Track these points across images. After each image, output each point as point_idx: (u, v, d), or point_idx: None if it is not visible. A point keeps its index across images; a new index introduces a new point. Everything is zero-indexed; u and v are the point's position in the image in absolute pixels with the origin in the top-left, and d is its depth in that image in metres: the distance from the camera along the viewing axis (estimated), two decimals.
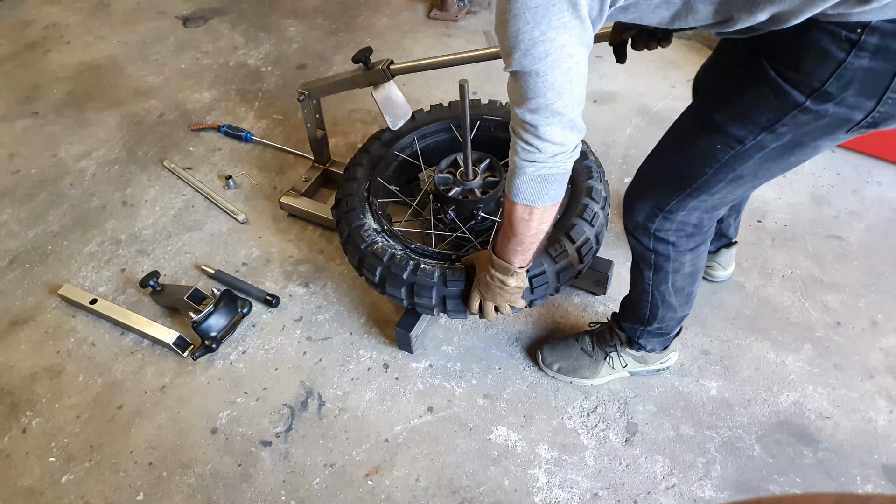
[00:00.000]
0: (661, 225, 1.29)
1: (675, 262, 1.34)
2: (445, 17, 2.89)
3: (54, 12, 3.15)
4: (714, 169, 1.14)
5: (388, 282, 1.55)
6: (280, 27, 2.95)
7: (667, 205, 1.25)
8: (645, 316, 1.48)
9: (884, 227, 1.96)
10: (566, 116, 1.06)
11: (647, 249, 1.34)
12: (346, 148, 2.35)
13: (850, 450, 1.51)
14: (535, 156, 1.11)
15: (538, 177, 1.14)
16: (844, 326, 1.73)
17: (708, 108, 1.14)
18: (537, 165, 1.13)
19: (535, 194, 1.18)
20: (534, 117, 1.06)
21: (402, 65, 1.75)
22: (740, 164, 1.12)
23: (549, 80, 1.00)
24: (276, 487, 1.52)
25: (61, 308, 1.92)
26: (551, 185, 1.17)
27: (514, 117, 1.10)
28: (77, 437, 1.64)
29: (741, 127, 1.07)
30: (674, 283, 1.38)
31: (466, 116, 1.57)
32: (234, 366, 1.75)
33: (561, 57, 0.98)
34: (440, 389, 1.68)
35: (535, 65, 0.99)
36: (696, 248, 1.33)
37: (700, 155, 1.15)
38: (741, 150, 1.09)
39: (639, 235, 1.34)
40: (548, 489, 1.49)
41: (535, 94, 1.03)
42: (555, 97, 1.03)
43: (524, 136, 1.10)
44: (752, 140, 1.07)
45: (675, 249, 1.32)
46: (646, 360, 1.60)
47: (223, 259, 2.01)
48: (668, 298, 1.41)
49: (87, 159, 2.38)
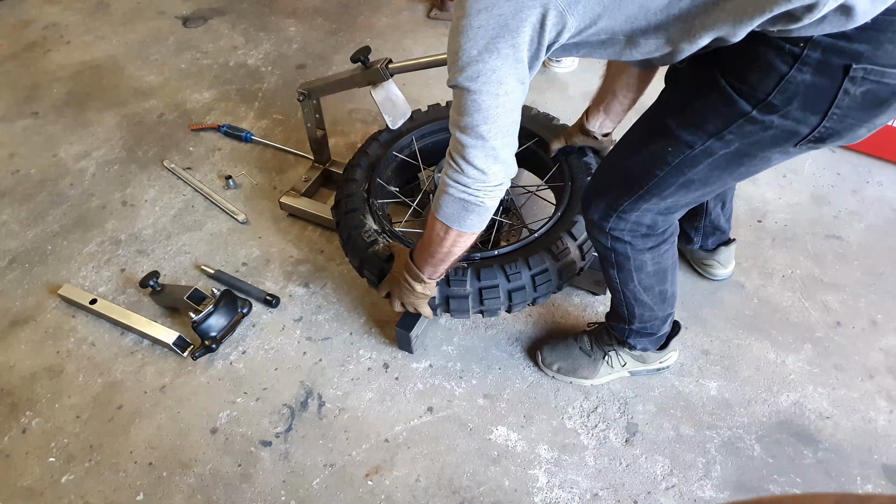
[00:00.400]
0: (615, 224, 1.31)
1: (636, 260, 1.36)
2: (445, 17, 2.89)
3: (54, 12, 3.15)
4: (664, 172, 1.16)
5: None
6: (280, 27, 2.95)
7: (619, 205, 1.27)
8: (625, 315, 1.49)
9: (884, 227, 1.96)
10: (489, 144, 1.09)
11: (606, 248, 1.37)
12: (346, 148, 2.35)
13: (850, 450, 1.51)
14: (459, 177, 1.14)
15: (459, 199, 1.17)
16: (844, 326, 1.73)
17: (661, 113, 1.17)
18: (459, 188, 1.16)
19: (453, 216, 1.21)
20: (462, 136, 1.09)
21: (400, 63, 1.75)
22: (690, 169, 1.14)
23: (478, 101, 1.04)
24: (276, 487, 1.52)
25: (61, 308, 1.92)
26: (470, 213, 1.19)
27: (452, 134, 1.13)
28: (77, 437, 1.64)
29: (690, 132, 1.10)
30: (640, 281, 1.40)
31: None
32: (234, 366, 1.75)
33: (491, 81, 1.01)
34: (440, 389, 1.67)
35: (467, 83, 1.02)
36: (656, 247, 1.35)
37: (651, 158, 1.17)
38: (690, 155, 1.12)
39: (596, 234, 1.36)
40: (548, 489, 1.49)
41: (465, 113, 1.06)
42: (481, 120, 1.06)
43: (454, 155, 1.14)
44: (701, 146, 1.10)
45: (633, 248, 1.34)
46: (645, 360, 1.60)
47: (223, 259, 2.01)
48: (639, 297, 1.43)
49: (87, 159, 2.38)
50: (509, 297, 1.54)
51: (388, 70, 1.74)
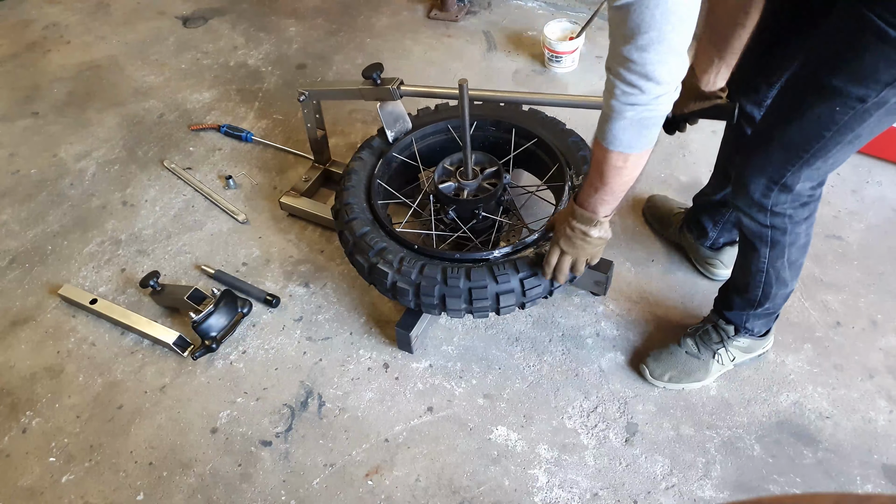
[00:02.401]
0: (776, 198, 1.27)
1: (792, 234, 1.34)
2: (445, 17, 2.89)
3: (54, 12, 3.15)
4: (832, 132, 1.12)
5: (423, 291, 1.53)
6: (280, 27, 2.95)
7: (782, 177, 1.23)
8: (756, 297, 1.47)
9: (884, 227, 1.96)
10: (678, 50, 0.99)
11: (763, 227, 1.34)
12: (347, 148, 2.35)
13: (850, 450, 1.51)
14: (637, 97, 1.04)
15: (638, 121, 1.07)
16: (844, 326, 1.73)
17: (819, 74, 1.10)
18: (638, 109, 1.05)
19: (632, 140, 1.11)
20: (642, 55, 0.98)
21: (412, 88, 1.78)
22: (860, 124, 1.11)
23: (670, 7, 0.93)
24: (276, 487, 1.52)
25: (61, 308, 1.92)
26: (650, 129, 1.10)
27: (616, 56, 1.02)
28: (77, 437, 1.64)
29: (863, 87, 1.05)
30: (789, 256, 1.38)
31: (466, 117, 1.57)
32: (234, 366, 1.75)
33: None
34: (440, 389, 1.68)
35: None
36: (810, 216, 1.33)
37: (816, 121, 1.13)
38: (862, 109, 1.08)
39: (755, 214, 1.32)
40: (548, 489, 1.49)
41: (649, 28, 0.95)
42: (671, 29, 0.95)
43: (627, 77, 1.02)
44: (875, 97, 1.06)
45: (792, 221, 1.32)
46: (751, 349, 1.61)
47: (223, 259, 2.01)
48: (782, 274, 1.41)
49: (87, 159, 2.38)
50: (523, 294, 1.53)
51: (399, 91, 1.76)
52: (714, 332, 1.59)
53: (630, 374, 1.67)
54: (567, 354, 1.72)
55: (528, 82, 2.54)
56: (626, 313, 1.80)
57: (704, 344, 1.60)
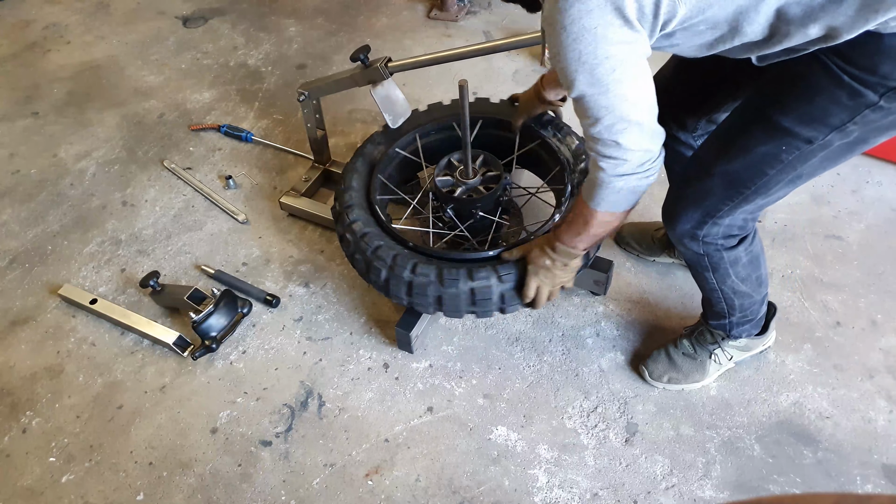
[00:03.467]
0: (709, 230, 1.29)
1: (730, 257, 1.35)
2: (445, 17, 2.89)
3: (54, 12, 3.15)
4: (776, 170, 1.14)
5: (444, 300, 1.52)
6: (280, 27, 2.95)
7: (718, 212, 1.25)
8: (724, 311, 1.49)
9: (884, 227, 1.96)
10: (645, 123, 1.07)
11: (697, 254, 1.36)
12: (346, 148, 2.35)
13: (850, 450, 1.51)
14: (624, 167, 1.10)
15: (628, 189, 1.14)
16: (844, 326, 1.73)
17: (769, 113, 1.12)
18: (627, 178, 1.12)
19: (622, 202, 1.18)
20: (612, 132, 1.06)
21: (400, 62, 1.75)
22: (803, 164, 1.12)
23: (620, 93, 1.02)
24: (276, 487, 1.52)
25: (61, 308, 1.92)
26: (640, 192, 1.17)
27: (591, 136, 1.09)
28: (77, 437, 1.64)
29: (811, 128, 1.07)
30: (736, 275, 1.39)
31: (466, 117, 1.57)
32: (234, 366, 1.75)
33: (627, 67, 1.00)
34: (440, 389, 1.68)
35: (603, 81, 1.00)
36: (746, 238, 1.35)
37: (760, 159, 1.14)
38: (807, 150, 1.10)
39: (687, 243, 1.34)
40: (548, 489, 1.49)
41: (609, 111, 1.04)
42: (630, 108, 1.04)
43: (606, 152, 1.10)
44: (821, 140, 1.07)
45: (725, 248, 1.34)
46: (749, 347, 1.61)
47: (223, 259, 2.01)
48: (738, 289, 1.42)
49: (87, 159, 2.38)
50: (502, 298, 1.52)
51: (387, 68, 1.74)
52: (708, 333, 1.59)
53: (630, 374, 1.67)
54: (567, 354, 1.72)
55: (529, 82, 2.54)
56: (626, 313, 1.80)
57: (700, 345, 1.60)
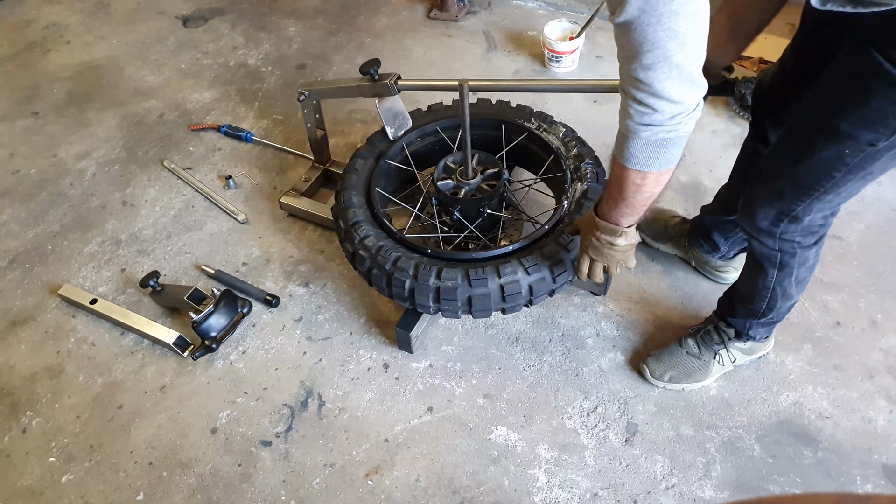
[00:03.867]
0: (786, 228, 1.28)
1: (801, 257, 1.34)
2: (445, 17, 2.89)
3: (54, 12, 3.15)
4: (843, 173, 1.12)
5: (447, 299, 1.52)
6: (280, 27, 2.95)
7: (792, 211, 1.23)
8: (761, 309, 1.48)
9: (884, 227, 1.96)
10: (686, 69, 0.96)
11: (772, 250, 1.34)
12: (346, 148, 2.35)
13: (850, 450, 1.51)
14: (652, 117, 1.00)
15: (655, 141, 1.04)
16: (844, 326, 1.73)
17: (826, 116, 1.09)
18: (654, 129, 1.02)
19: (650, 159, 1.07)
20: (648, 74, 0.95)
21: (409, 81, 1.77)
22: (871, 164, 1.10)
23: (672, 26, 0.90)
24: (276, 487, 1.52)
25: (61, 308, 1.92)
26: (669, 149, 1.06)
27: (625, 76, 0.99)
28: (77, 437, 1.64)
29: (872, 131, 1.04)
30: (797, 276, 1.38)
31: (466, 117, 1.56)
32: (234, 366, 1.75)
33: (688, 1, 0.89)
34: (440, 389, 1.68)
35: (657, 9, 0.88)
36: (820, 240, 1.34)
37: (825, 162, 1.12)
38: (873, 152, 1.08)
39: (763, 239, 1.33)
40: (548, 489, 1.49)
41: (653, 46, 0.92)
42: (676, 48, 0.92)
43: (637, 96, 0.99)
44: (885, 141, 1.05)
45: (801, 246, 1.32)
46: (752, 351, 1.61)
47: (223, 259, 2.01)
48: (788, 290, 1.42)
49: (87, 159, 2.38)
50: (530, 290, 1.53)
51: (396, 86, 1.76)
52: (715, 333, 1.59)
53: (630, 374, 1.67)
54: (567, 354, 1.72)
55: None
56: (626, 313, 1.80)
57: (705, 344, 1.60)
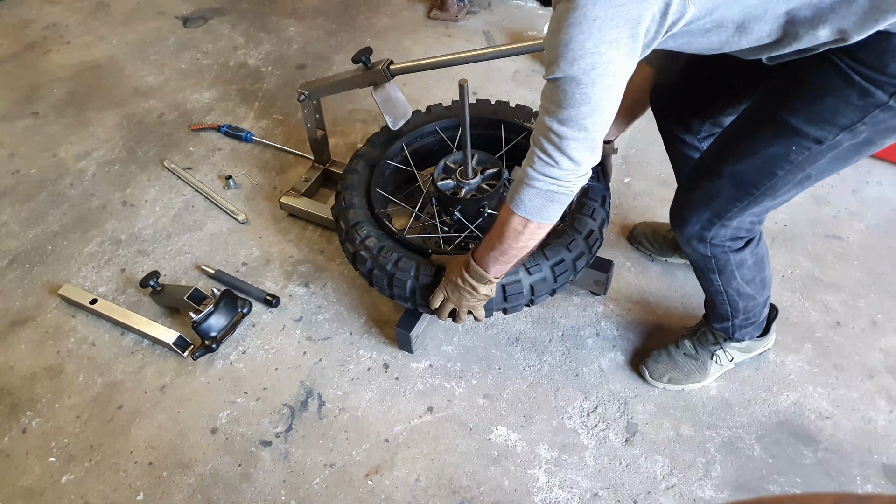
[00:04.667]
0: (717, 233, 1.30)
1: (736, 258, 1.36)
2: (445, 17, 2.89)
3: (54, 12, 3.15)
4: (785, 171, 1.14)
5: None
6: (280, 27, 2.95)
7: (726, 213, 1.25)
8: (727, 313, 1.49)
9: (884, 227, 1.96)
10: (591, 135, 1.06)
11: (704, 256, 1.36)
12: (346, 148, 2.35)
13: (850, 450, 1.51)
14: (551, 170, 1.11)
15: (546, 192, 1.14)
16: (844, 326, 1.73)
17: (778, 112, 1.12)
18: (549, 181, 1.12)
19: (536, 209, 1.18)
20: (561, 128, 1.05)
21: (401, 65, 1.75)
22: (811, 164, 1.12)
23: (588, 93, 1.00)
24: (276, 487, 1.52)
25: (61, 308, 1.92)
26: (554, 203, 1.17)
27: (540, 126, 1.09)
28: (77, 437, 1.64)
29: (820, 128, 1.07)
30: (742, 276, 1.39)
31: (466, 117, 1.56)
32: (234, 366, 1.75)
33: (605, 73, 0.98)
34: (440, 389, 1.68)
35: (577, 76, 0.98)
36: (751, 242, 1.35)
37: (769, 159, 1.14)
38: (816, 151, 1.10)
39: (695, 245, 1.35)
40: (548, 489, 1.49)
41: (569, 105, 1.02)
42: (588, 112, 1.02)
43: (546, 147, 1.09)
44: (831, 140, 1.07)
45: (731, 250, 1.34)
46: (751, 349, 1.61)
47: (223, 259, 2.01)
48: (742, 290, 1.43)
49: (87, 159, 2.38)
50: (531, 290, 1.53)
51: (389, 71, 1.74)
52: (710, 334, 1.60)
53: (630, 374, 1.67)
54: (567, 354, 1.72)
55: (528, 82, 2.54)
56: (626, 313, 1.80)
57: (702, 345, 1.60)
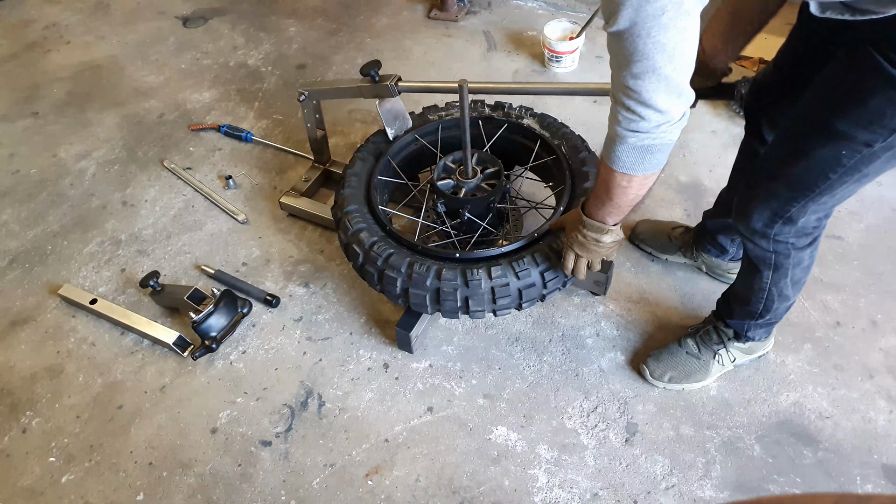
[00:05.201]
0: (780, 229, 1.28)
1: (795, 258, 1.34)
2: (445, 17, 2.89)
3: (54, 12, 3.15)
4: (839, 174, 1.12)
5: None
6: (280, 27, 2.95)
7: (787, 212, 1.23)
8: (758, 311, 1.48)
9: (884, 227, 1.96)
10: (674, 81, 0.98)
11: (766, 252, 1.34)
12: (346, 148, 2.35)
13: (850, 450, 1.51)
14: (639, 125, 1.04)
15: (640, 147, 1.08)
16: (844, 326, 1.73)
17: (825, 116, 1.08)
18: (640, 136, 1.06)
19: (636, 163, 1.11)
20: (637, 83, 0.98)
21: (409, 83, 1.78)
22: (867, 165, 1.10)
23: (661, 40, 0.92)
24: (276, 487, 1.52)
25: (61, 308, 1.92)
26: (654, 154, 1.10)
27: (616, 82, 1.02)
28: (77, 437, 1.64)
29: (869, 132, 1.04)
30: (792, 276, 1.39)
31: (466, 117, 1.57)
32: (234, 366, 1.75)
33: (678, 15, 0.91)
34: (440, 389, 1.68)
35: (647, 23, 0.91)
36: (815, 241, 1.34)
37: (821, 162, 1.12)
38: (869, 153, 1.07)
39: (757, 240, 1.33)
40: (548, 489, 1.49)
41: (642, 57, 0.95)
42: (664, 60, 0.95)
43: (626, 103, 1.03)
44: (882, 142, 1.05)
45: (795, 248, 1.32)
46: (752, 350, 1.61)
47: (223, 259, 2.01)
48: (784, 291, 1.42)
49: (87, 159, 2.38)
50: (520, 294, 1.53)
51: (396, 87, 1.77)
52: (714, 333, 1.59)
53: (630, 374, 1.67)
54: (567, 354, 1.72)
55: (529, 82, 2.54)
56: (626, 313, 1.80)
57: (705, 344, 1.60)
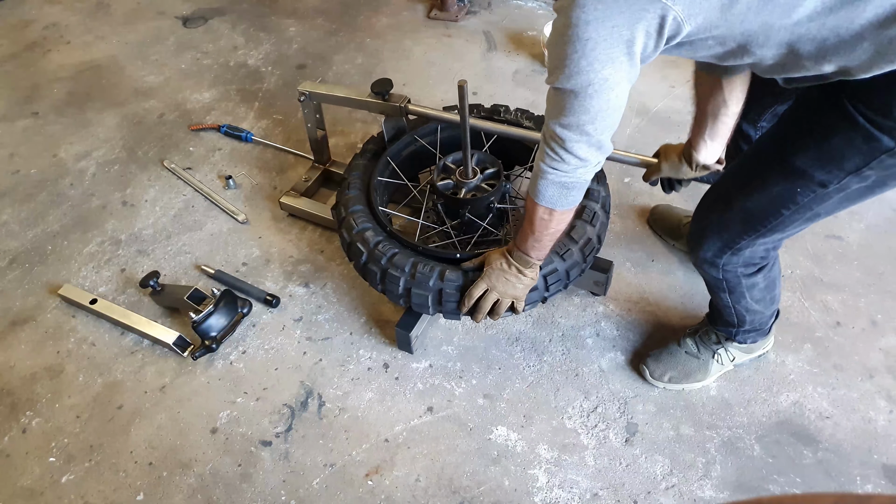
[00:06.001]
0: (728, 260, 1.32)
1: (748, 282, 1.38)
2: (445, 17, 2.89)
3: (54, 12, 3.15)
4: (791, 211, 1.15)
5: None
6: (280, 27, 2.95)
7: (737, 244, 1.27)
8: (734, 323, 1.52)
9: (884, 227, 1.96)
10: (595, 138, 1.10)
11: (716, 279, 1.38)
12: (346, 148, 2.35)
13: (850, 450, 1.51)
14: (559, 165, 1.16)
15: (559, 183, 1.20)
16: (844, 326, 1.73)
17: (785, 151, 1.12)
18: (559, 174, 1.18)
19: (555, 198, 1.23)
20: (563, 132, 1.10)
21: (418, 108, 1.81)
22: (819, 205, 1.12)
23: (586, 105, 1.04)
24: (276, 487, 1.52)
25: (61, 308, 1.92)
26: (571, 191, 1.22)
27: (546, 126, 1.14)
28: (77, 437, 1.64)
29: (825, 172, 1.06)
30: (752, 297, 1.42)
31: (465, 117, 1.57)
32: (234, 366, 1.75)
33: (603, 89, 1.01)
34: (440, 389, 1.68)
35: (575, 90, 1.02)
36: (766, 267, 1.37)
37: (776, 198, 1.15)
38: (823, 193, 1.09)
39: (706, 269, 1.38)
40: (548, 489, 1.49)
41: (570, 113, 1.06)
42: (588, 120, 1.07)
43: (552, 146, 1.15)
44: (837, 184, 1.07)
45: (744, 275, 1.36)
46: (752, 350, 1.62)
47: (223, 259, 2.01)
48: (751, 308, 1.45)
49: (87, 159, 2.38)
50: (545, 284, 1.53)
51: (406, 109, 1.80)
52: (713, 333, 1.60)
53: (630, 374, 1.67)
54: (567, 354, 1.72)
55: (529, 82, 2.54)
56: (626, 313, 1.80)
57: (704, 344, 1.61)
